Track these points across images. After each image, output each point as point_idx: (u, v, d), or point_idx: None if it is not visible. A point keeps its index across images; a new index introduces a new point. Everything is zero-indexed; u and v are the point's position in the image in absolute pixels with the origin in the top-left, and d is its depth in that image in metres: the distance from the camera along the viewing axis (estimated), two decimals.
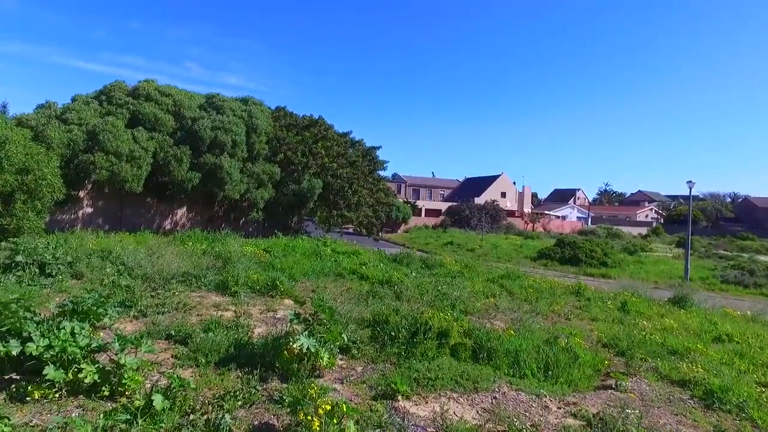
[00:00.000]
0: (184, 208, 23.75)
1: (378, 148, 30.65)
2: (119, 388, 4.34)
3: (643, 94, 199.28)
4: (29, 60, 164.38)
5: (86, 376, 4.17)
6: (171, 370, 5.52)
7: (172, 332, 6.56)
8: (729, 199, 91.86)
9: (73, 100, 20.17)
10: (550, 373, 6.59)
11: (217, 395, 4.68)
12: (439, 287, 11.12)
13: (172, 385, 4.21)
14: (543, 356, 6.89)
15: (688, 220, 25.36)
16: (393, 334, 7.07)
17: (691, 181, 25.45)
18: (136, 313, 7.53)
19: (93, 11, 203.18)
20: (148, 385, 4.61)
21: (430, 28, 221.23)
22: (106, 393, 4.31)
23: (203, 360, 5.74)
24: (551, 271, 23.01)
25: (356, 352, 6.67)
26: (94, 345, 4.50)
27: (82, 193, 19.78)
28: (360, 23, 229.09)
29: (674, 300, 13.26)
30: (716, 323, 10.64)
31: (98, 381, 4.27)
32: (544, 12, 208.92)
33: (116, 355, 4.43)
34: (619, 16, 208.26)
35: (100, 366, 4.39)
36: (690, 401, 5.91)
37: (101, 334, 5.93)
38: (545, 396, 5.73)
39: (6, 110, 28.78)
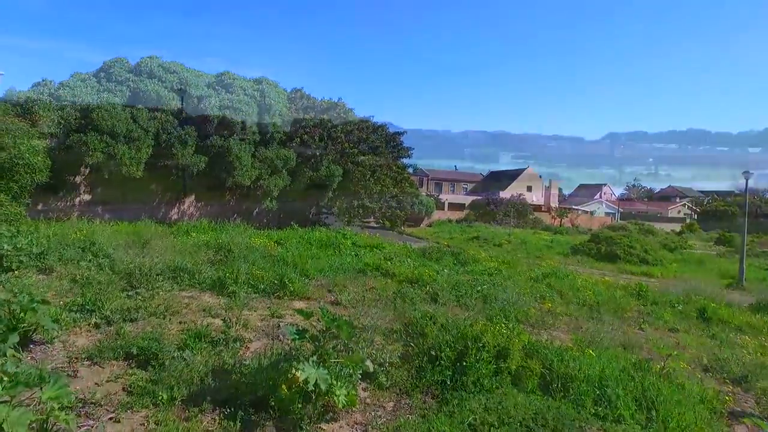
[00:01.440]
0: (192, 197, 22.11)
1: (403, 133, 28.47)
2: None
3: (676, 82, 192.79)
4: (52, 55, 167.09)
5: None
6: (113, 414, 3.76)
7: (134, 350, 4.78)
8: None
9: (71, 77, 18.64)
10: (653, 413, 4.76)
11: None
12: (478, 287, 9.27)
13: None
14: (638, 387, 5.16)
15: (744, 214, 22.95)
16: (433, 353, 5.28)
17: (747, 172, 22.99)
18: (98, 320, 5.79)
19: (116, 7, 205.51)
20: None
21: (451, 20, 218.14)
22: None
23: (165, 396, 4.00)
24: (587, 268, 20.88)
25: (384, 378, 4.91)
26: None
27: (78, 179, 18.24)
28: (381, 15, 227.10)
29: (759, 306, 11.11)
30: None
31: None
32: (558, 7, 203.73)
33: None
34: (627, 12, 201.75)
35: None
36: None
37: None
38: None
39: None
